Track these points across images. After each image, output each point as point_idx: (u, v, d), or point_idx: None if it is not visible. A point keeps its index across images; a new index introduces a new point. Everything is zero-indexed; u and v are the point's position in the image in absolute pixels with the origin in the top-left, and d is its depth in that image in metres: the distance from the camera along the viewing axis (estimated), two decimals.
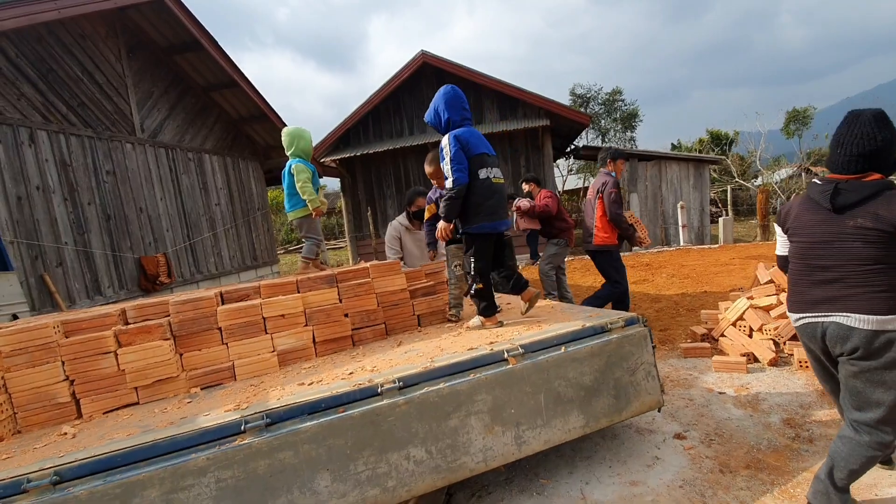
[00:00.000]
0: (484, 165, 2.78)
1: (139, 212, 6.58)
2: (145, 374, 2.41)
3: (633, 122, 27.65)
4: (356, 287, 2.95)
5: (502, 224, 2.85)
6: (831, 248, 1.83)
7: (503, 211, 2.86)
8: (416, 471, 2.06)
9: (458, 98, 2.89)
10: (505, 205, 2.90)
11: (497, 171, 2.85)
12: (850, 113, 1.86)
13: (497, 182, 2.82)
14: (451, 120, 2.84)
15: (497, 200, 2.79)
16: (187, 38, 6.99)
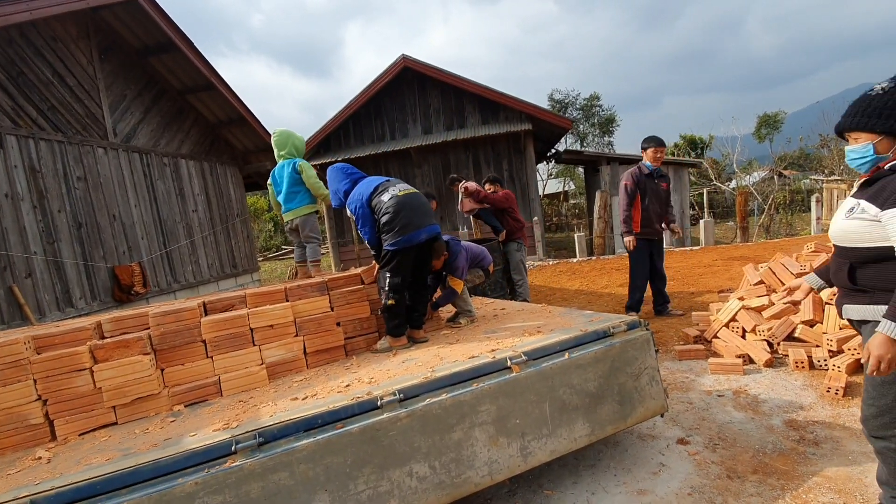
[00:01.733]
0: (384, 191, 2.83)
1: (112, 219, 6.30)
2: (124, 392, 2.24)
3: (610, 126, 28.11)
4: (348, 294, 2.84)
5: (420, 234, 2.77)
6: None
7: (420, 219, 2.78)
8: (419, 488, 1.95)
9: (335, 171, 3.04)
10: (423, 211, 2.84)
11: (402, 185, 2.90)
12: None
13: (405, 194, 2.82)
14: (345, 192, 2.96)
15: (408, 213, 2.75)
16: (162, 39, 6.76)
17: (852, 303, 1.77)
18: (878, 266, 1.65)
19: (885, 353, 1.53)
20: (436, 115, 12.31)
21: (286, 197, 3.42)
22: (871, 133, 1.66)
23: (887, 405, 1.70)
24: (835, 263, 1.84)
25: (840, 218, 1.76)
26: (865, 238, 1.65)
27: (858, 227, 1.66)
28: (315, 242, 3.53)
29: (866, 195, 1.66)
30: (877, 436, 1.77)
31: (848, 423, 2.66)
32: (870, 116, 1.64)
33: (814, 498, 2.09)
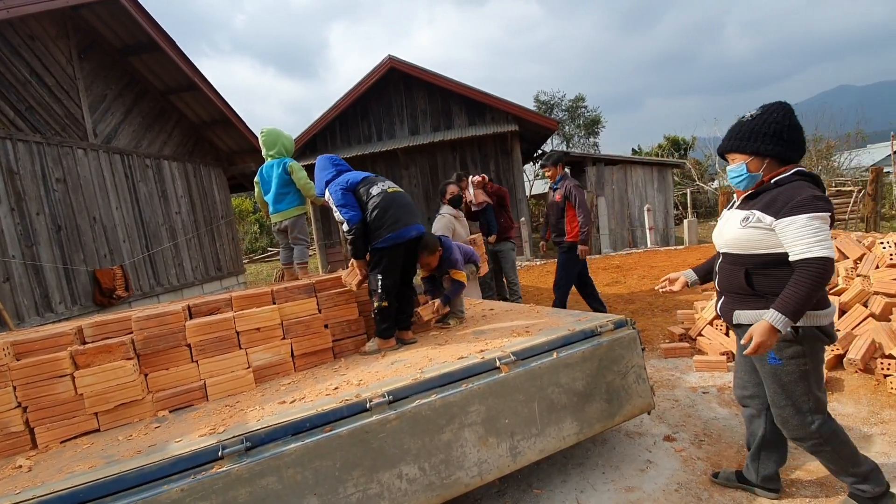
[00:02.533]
0: (373, 184, 2.83)
1: (93, 222, 6.17)
2: (106, 398, 2.19)
3: (595, 127, 28.37)
4: (336, 296, 2.82)
5: (411, 230, 2.78)
6: None
7: (408, 217, 2.78)
8: (409, 489, 1.94)
9: (323, 160, 2.99)
10: (410, 210, 2.83)
11: (390, 183, 2.90)
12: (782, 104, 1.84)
13: (394, 191, 2.83)
14: (328, 181, 2.89)
15: (397, 209, 2.75)
16: (143, 38, 6.64)
17: (746, 308, 1.86)
18: (773, 271, 1.79)
19: (766, 339, 1.68)
20: (422, 115, 12.30)
21: (275, 198, 3.37)
22: (742, 154, 1.84)
23: (795, 406, 1.82)
24: (726, 271, 1.92)
25: (734, 227, 1.85)
26: (762, 245, 1.78)
27: (755, 235, 1.78)
28: (303, 244, 3.49)
29: (758, 206, 1.79)
30: (796, 437, 1.87)
31: None
32: (740, 140, 1.84)
33: (796, 491, 2.13)
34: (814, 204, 1.66)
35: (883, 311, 3.27)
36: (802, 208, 1.66)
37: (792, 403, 1.84)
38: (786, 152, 1.79)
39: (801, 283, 1.63)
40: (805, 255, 1.64)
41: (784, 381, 1.82)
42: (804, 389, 1.81)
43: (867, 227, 9.43)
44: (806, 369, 1.80)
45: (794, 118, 1.81)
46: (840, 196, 13.08)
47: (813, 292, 1.63)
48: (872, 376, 3.05)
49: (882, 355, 3.04)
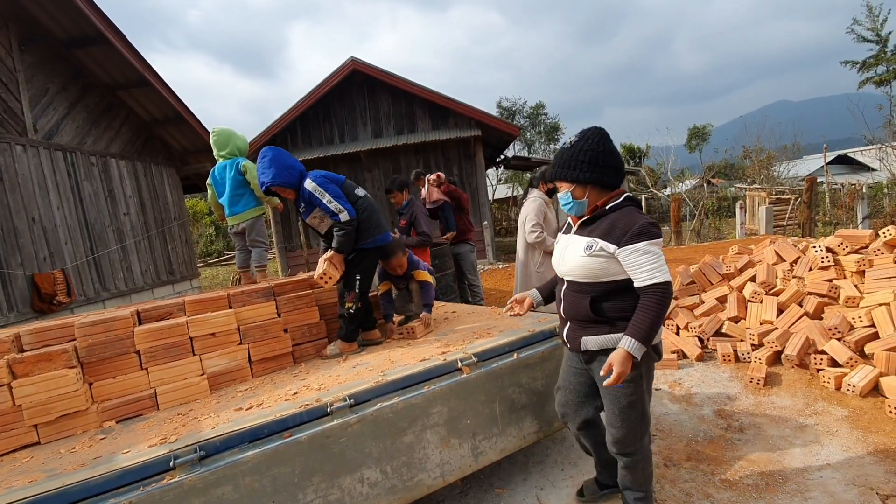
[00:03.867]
0: (356, 186, 2.91)
1: (31, 223, 5.78)
2: (47, 409, 2.06)
3: (555, 134, 29.10)
4: (296, 299, 2.76)
5: (388, 235, 2.93)
6: None
7: (384, 223, 2.96)
8: (370, 493, 1.93)
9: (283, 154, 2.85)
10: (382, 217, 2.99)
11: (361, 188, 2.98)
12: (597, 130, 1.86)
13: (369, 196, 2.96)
14: (301, 171, 2.83)
15: (378, 214, 2.91)
16: (90, 30, 6.29)
17: (592, 334, 1.86)
18: (617, 297, 1.82)
19: (625, 368, 1.71)
20: (386, 119, 12.25)
21: (230, 200, 3.26)
22: (565, 181, 1.86)
23: (632, 426, 1.87)
24: (571, 298, 1.91)
25: (577, 255, 1.84)
26: (606, 273, 1.79)
27: (599, 263, 1.78)
28: (261, 247, 3.40)
29: (598, 233, 1.81)
30: (626, 453, 1.91)
31: (768, 410, 2.90)
32: (561, 167, 1.85)
33: (740, 480, 2.26)
34: (650, 231, 1.71)
35: (816, 310, 3.52)
36: (640, 236, 1.70)
37: (628, 424, 1.86)
38: (604, 178, 1.82)
39: (649, 308, 1.69)
40: (649, 282, 1.69)
41: (623, 403, 1.85)
42: (641, 410, 1.86)
43: (803, 233, 10.11)
44: (642, 390, 1.85)
45: (609, 144, 1.83)
46: (779, 203, 13.97)
47: (661, 316, 1.70)
48: (807, 371, 3.28)
49: (815, 351, 3.27)
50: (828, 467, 2.29)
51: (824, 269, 3.67)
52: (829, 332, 3.27)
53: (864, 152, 20.60)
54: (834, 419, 2.72)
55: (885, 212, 11.49)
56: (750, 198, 14.44)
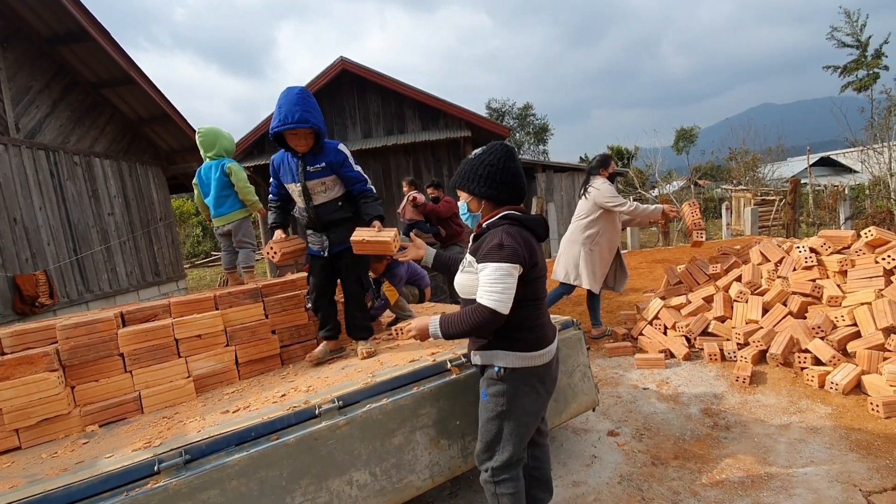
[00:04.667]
0: None
1: (13, 223, 5.66)
2: (28, 414, 2.02)
3: (544, 135, 29.28)
4: (284, 301, 2.74)
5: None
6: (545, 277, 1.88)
7: None
8: (359, 496, 1.92)
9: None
10: None
11: None
12: (503, 146, 1.81)
13: None
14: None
15: None
16: (73, 27, 6.19)
17: (478, 349, 1.85)
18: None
19: (418, 333, 1.85)
20: (375, 119, 12.22)
21: (216, 202, 3.22)
22: (462, 192, 1.86)
23: (486, 441, 1.84)
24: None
25: (460, 271, 1.85)
26: (476, 290, 1.74)
27: (470, 280, 1.77)
28: (248, 248, 3.36)
29: (472, 250, 1.82)
30: (481, 466, 1.88)
31: (753, 408, 2.94)
32: (461, 177, 1.84)
33: (726, 478, 2.29)
34: (497, 254, 1.67)
35: (799, 310, 3.58)
36: (489, 257, 1.68)
37: (484, 438, 1.84)
38: (499, 195, 1.79)
39: (465, 318, 1.69)
40: (480, 301, 1.67)
41: (484, 416, 1.84)
42: (496, 428, 1.81)
43: (787, 234, 10.27)
44: (502, 410, 1.79)
45: (510, 162, 1.78)
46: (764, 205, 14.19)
47: (468, 332, 1.70)
48: (791, 369, 3.33)
49: (799, 350, 3.32)
50: (812, 464, 2.33)
51: (808, 269, 3.73)
52: (812, 331, 3.32)
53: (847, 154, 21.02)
54: (817, 417, 2.76)
55: (867, 213, 11.73)
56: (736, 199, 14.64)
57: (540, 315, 1.83)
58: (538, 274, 1.80)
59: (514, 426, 1.80)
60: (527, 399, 1.80)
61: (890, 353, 2.99)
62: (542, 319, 1.84)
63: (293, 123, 2.26)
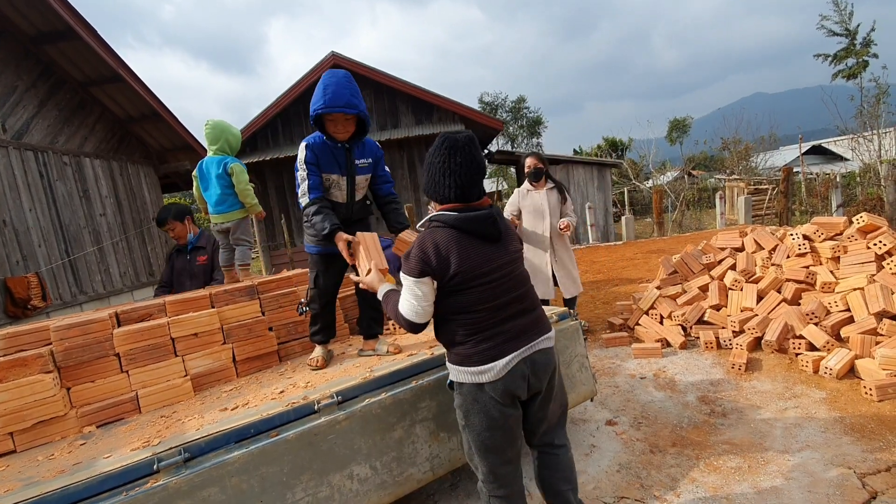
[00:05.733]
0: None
1: (3, 225, 5.59)
2: (23, 416, 2.00)
3: (538, 128, 29.25)
4: (281, 298, 2.73)
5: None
6: (513, 277, 1.68)
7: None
8: (360, 490, 1.92)
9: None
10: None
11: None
12: (451, 137, 1.64)
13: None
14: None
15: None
16: (59, 25, 6.09)
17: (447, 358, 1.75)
18: (441, 323, 1.71)
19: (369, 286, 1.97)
20: (368, 114, 12.16)
21: (218, 199, 3.17)
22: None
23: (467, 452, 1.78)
24: None
25: None
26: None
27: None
28: (245, 245, 3.33)
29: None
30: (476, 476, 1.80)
31: (749, 395, 2.97)
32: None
33: (723, 464, 2.31)
34: (405, 265, 1.62)
35: (793, 297, 3.60)
36: (402, 266, 1.65)
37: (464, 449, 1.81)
38: (437, 193, 1.66)
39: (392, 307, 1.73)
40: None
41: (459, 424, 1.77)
42: (466, 441, 1.75)
43: (780, 222, 10.35)
44: (463, 423, 1.70)
45: (451, 155, 1.61)
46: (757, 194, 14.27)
47: (392, 318, 1.73)
48: (786, 355, 3.36)
49: (794, 336, 3.35)
50: (807, 448, 2.35)
51: (801, 256, 3.75)
52: (806, 317, 3.35)
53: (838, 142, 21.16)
54: (812, 402, 2.79)
55: (858, 200, 11.82)
56: (729, 188, 14.72)
57: (478, 329, 1.61)
58: (465, 283, 1.58)
59: (477, 441, 1.67)
60: (478, 417, 1.63)
61: (882, 337, 3.02)
62: (483, 334, 1.61)
63: (341, 107, 2.10)
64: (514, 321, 1.66)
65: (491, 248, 1.64)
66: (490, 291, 1.62)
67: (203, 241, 3.58)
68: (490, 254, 1.63)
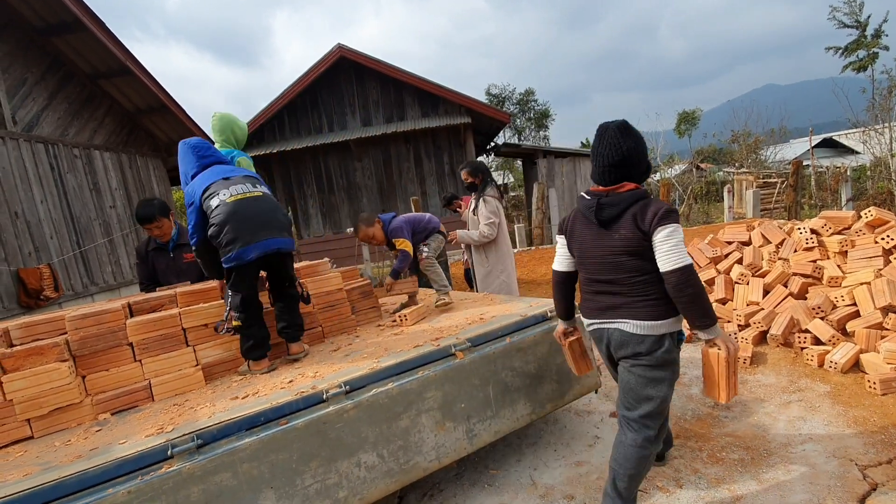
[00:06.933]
0: (214, 195, 2.35)
1: (14, 217, 5.68)
2: (40, 403, 2.06)
3: (545, 121, 29.04)
4: None
5: (249, 251, 2.28)
6: (605, 263, 1.87)
7: (251, 234, 2.30)
8: (367, 477, 1.96)
9: (184, 150, 2.55)
10: (258, 222, 2.35)
11: (239, 186, 2.40)
12: (600, 126, 1.88)
13: (236, 199, 2.33)
14: (192, 175, 2.51)
15: (235, 225, 2.27)
16: (67, 17, 6.13)
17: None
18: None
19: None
20: (375, 107, 12.14)
21: None
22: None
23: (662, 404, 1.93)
24: None
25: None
26: None
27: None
28: None
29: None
30: None
31: (753, 388, 2.98)
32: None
33: (726, 455, 2.33)
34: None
35: (800, 291, 3.60)
36: None
37: None
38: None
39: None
40: None
41: None
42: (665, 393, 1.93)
43: (789, 216, 10.25)
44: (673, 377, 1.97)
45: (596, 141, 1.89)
46: (766, 187, 14.13)
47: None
48: (791, 349, 3.36)
49: (799, 330, 3.35)
50: (810, 441, 2.37)
51: (809, 250, 3.74)
52: (812, 311, 3.35)
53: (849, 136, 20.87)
54: (816, 395, 2.80)
55: (868, 194, 11.69)
56: (738, 182, 14.58)
57: (583, 290, 2.05)
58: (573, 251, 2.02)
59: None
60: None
61: (888, 331, 3.02)
62: (584, 296, 2.03)
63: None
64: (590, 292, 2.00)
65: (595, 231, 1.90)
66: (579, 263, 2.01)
67: (184, 238, 3.28)
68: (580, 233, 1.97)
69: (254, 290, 2.44)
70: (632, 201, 1.81)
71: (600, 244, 1.87)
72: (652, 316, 1.81)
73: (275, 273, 2.54)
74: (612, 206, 1.83)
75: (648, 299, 1.82)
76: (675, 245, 1.72)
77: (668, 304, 1.80)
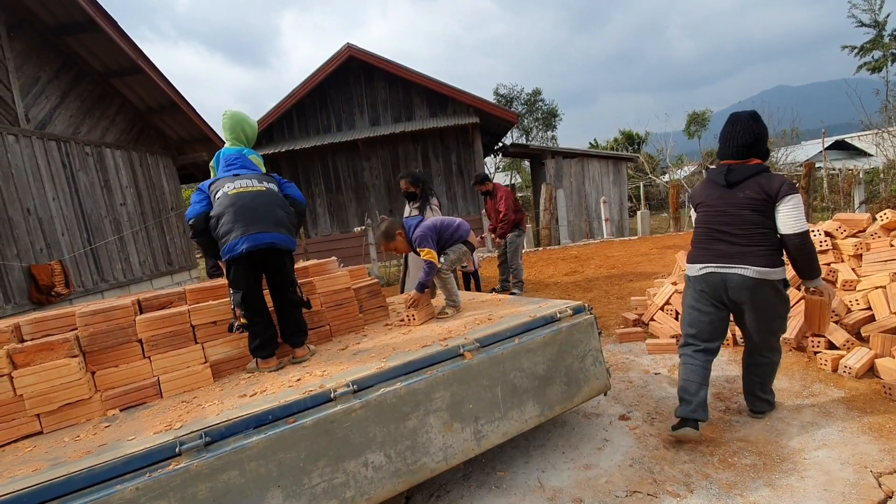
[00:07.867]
0: (222, 186, 2.43)
1: (27, 214, 5.74)
2: (49, 399, 2.07)
3: (553, 121, 28.92)
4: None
5: (240, 242, 2.28)
6: (728, 215, 2.38)
7: (246, 225, 2.30)
8: (375, 477, 1.95)
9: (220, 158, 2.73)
10: (254, 216, 2.35)
11: (243, 181, 2.46)
12: (733, 114, 2.44)
13: (237, 192, 2.37)
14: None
15: (232, 216, 2.31)
16: (80, 16, 6.20)
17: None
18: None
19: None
20: (383, 106, 12.16)
21: None
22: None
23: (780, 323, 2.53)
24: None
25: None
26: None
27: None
28: None
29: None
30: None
31: None
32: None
33: (738, 461, 2.29)
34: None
35: None
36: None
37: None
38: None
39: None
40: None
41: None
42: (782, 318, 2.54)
43: None
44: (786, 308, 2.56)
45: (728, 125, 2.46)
46: None
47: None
48: (804, 354, 3.31)
49: (812, 334, 3.30)
50: (824, 447, 2.33)
51: (823, 252, 3.68)
52: None
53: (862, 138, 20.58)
54: (830, 400, 2.75)
55: (882, 196, 11.51)
56: None
57: (698, 241, 2.52)
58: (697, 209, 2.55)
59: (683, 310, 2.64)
60: (686, 295, 2.62)
61: None
62: (700, 245, 2.51)
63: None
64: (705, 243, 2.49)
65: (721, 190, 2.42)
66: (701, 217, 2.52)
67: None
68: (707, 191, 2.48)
69: (253, 288, 2.42)
70: (757, 171, 2.32)
71: (725, 201, 2.38)
72: (767, 264, 2.29)
73: (274, 273, 2.49)
74: (739, 172, 2.35)
75: (765, 249, 2.30)
76: (798, 213, 2.24)
77: (778, 256, 2.32)
